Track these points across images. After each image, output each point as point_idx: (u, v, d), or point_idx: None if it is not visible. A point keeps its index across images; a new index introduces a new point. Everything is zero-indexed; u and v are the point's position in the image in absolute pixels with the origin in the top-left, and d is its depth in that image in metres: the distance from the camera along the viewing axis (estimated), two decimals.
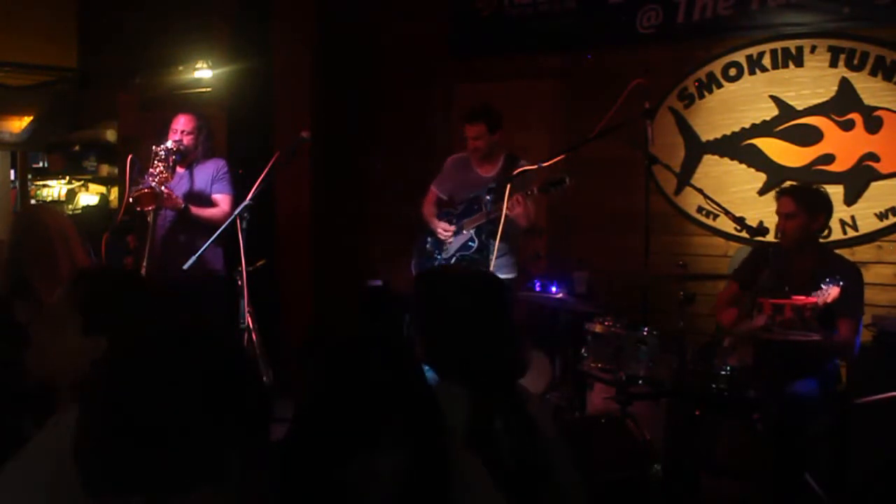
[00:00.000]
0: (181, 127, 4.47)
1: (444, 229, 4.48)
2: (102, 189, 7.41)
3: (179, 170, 4.54)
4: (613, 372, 3.66)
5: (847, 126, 4.62)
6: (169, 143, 4.35)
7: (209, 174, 4.54)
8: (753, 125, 4.87)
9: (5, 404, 2.08)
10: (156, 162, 4.29)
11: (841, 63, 4.62)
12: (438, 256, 4.49)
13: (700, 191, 4.27)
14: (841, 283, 3.31)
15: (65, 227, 2.82)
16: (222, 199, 4.53)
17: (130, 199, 4.23)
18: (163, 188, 4.25)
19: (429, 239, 4.59)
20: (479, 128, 4.36)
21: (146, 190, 4.21)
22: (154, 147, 4.34)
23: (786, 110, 4.78)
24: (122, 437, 1.13)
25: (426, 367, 1.77)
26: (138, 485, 1.12)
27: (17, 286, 2.64)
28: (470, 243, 4.38)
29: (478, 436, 1.77)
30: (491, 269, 4.12)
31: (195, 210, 4.43)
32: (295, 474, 1.40)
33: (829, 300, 3.31)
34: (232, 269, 4.39)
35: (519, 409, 1.92)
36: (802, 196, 3.70)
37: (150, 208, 4.23)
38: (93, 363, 1.22)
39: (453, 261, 4.40)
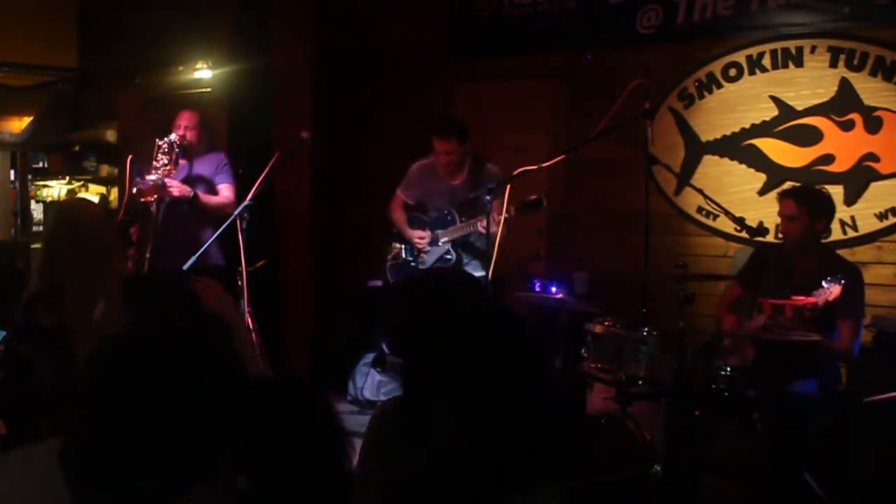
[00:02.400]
0: (185, 122, 4.64)
1: (419, 238, 4.53)
2: (102, 189, 7.40)
3: (182, 162, 4.67)
4: (613, 372, 3.65)
5: (847, 126, 4.62)
6: (172, 136, 4.46)
7: (212, 165, 4.72)
8: (753, 125, 4.87)
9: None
10: (159, 155, 4.43)
11: (841, 63, 4.62)
12: (413, 265, 4.52)
13: (700, 191, 4.27)
14: (843, 282, 3.30)
15: (100, 228, 2.75)
16: (226, 188, 4.71)
17: (134, 190, 4.33)
18: (166, 180, 4.39)
19: (403, 246, 4.63)
20: (450, 144, 4.42)
21: (150, 181, 4.34)
22: (157, 140, 4.47)
23: (786, 110, 4.78)
24: (109, 441, 1.12)
25: None
26: (126, 488, 1.12)
27: (49, 289, 2.57)
28: (447, 256, 4.42)
29: None
30: None
31: (204, 197, 4.58)
32: None
33: (830, 298, 3.31)
34: (233, 268, 4.40)
35: None
36: (804, 198, 3.68)
37: (151, 199, 4.32)
38: (79, 367, 1.21)
39: None
